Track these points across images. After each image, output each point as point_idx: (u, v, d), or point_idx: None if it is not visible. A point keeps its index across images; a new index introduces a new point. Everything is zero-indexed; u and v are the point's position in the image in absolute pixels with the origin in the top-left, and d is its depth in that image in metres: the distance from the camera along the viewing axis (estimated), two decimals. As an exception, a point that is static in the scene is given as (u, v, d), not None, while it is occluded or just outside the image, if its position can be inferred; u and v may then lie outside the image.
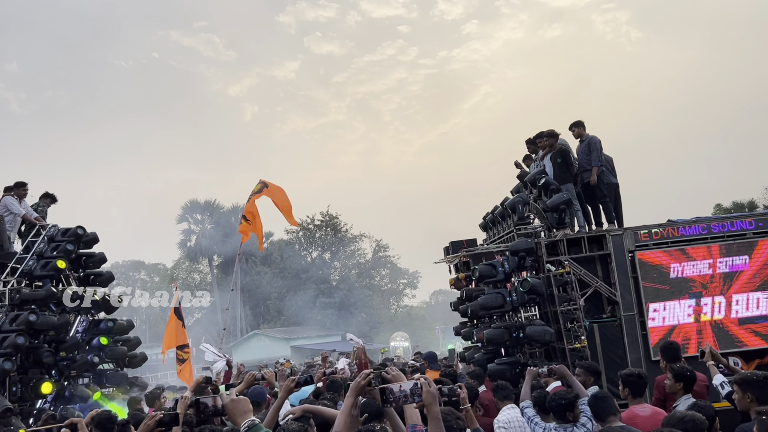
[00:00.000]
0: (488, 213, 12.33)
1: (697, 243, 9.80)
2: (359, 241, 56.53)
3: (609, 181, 10.64)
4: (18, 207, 10.54)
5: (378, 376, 3.18)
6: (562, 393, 5.14)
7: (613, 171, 10.92)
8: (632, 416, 4.83)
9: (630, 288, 9.67)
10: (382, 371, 3.22)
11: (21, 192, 10.78)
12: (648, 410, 4.92)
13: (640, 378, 5.20)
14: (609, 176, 10.67)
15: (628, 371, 5.42)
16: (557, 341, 9.40)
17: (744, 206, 36.63)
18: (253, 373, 6.57)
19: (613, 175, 10.87)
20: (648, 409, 4.94)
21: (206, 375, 5.77)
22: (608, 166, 10.74)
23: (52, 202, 11.73)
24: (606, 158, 10.68)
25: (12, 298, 9.39)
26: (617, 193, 10.94)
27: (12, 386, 8.81)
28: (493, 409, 6.37)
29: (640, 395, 5.14)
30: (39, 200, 11.60)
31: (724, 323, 9.60)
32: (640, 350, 9.43)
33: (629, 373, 5.34)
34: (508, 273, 9.62)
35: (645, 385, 5.27)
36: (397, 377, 3.13)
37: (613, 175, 10.84)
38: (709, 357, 5.34)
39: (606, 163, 10.65)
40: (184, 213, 53.82)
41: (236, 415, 2.98)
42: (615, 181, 10.85)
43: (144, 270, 69.38)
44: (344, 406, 3.19)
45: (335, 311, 49.48)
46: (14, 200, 10.56)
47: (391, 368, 3.28)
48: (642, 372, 5.44)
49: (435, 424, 2.98)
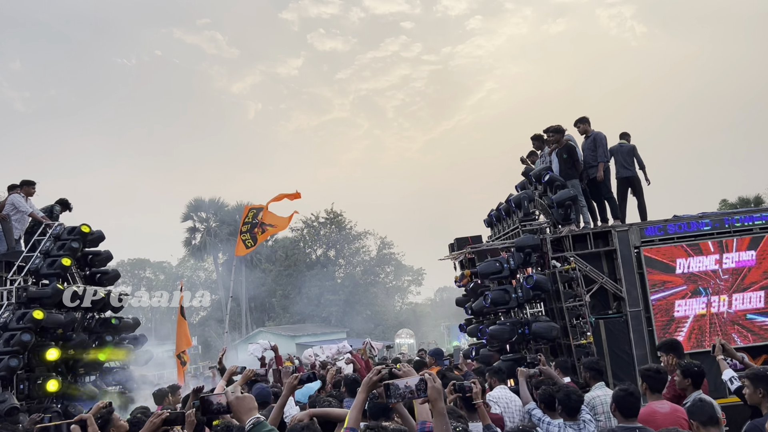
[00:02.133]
0: (493, 209, 12.31)
1: (703, 238, 9.77)
2: (364, 239, 56.56)
3: (628, 175, 10.53)
4: (25, 205, 10.51)
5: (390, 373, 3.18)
6: (577, 390, 5.15)
7: (632, 162, 10.65)
8: (651, 412, 4.77)
9: (636, 284, 9.64)
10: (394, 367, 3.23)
11: (29, 190, 10.78)
12: (667, 406, 4.88)
13: (659, 373, 5.15)
14: (627, 169, 10.53)
15: (647, 366, 5.37)
16: (563, 337, 9.38)
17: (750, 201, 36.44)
18: (252, 369, 6.60)
19: (639, 167, 10.63)
20: (667, 406, 4.91)
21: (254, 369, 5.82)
22: (628, 156, 10.59)
23: (65, 209, 11.68)
24: (627, 148, 10.58)
25: (19, 296, 9.44)
26: (637, 184, 10.67)
27: (19, 384, 8.85)
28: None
29: (659, 391, 5.08)
30: (55, 204, 11.57)
31: (731, 318, 9.57)
32: (646, 346, 9.40)
33: (648, 368, 5.29)
34: (514, 269, 9.60)
35: (665, 381, 5.22)
36: (409, 373, 3.14)
37: (631, 166, 10.59)
38: (719, 351, 5.31)
39: (625, 155, 10.52)
40: (189, 211, 53.93)
41: (241, 413, 2.98)
42: (632, 173, 10.59)
43: (149, 268, 69.59)
44: (356, 401, 3.20)
45: (340, 308, 49.53)
46: (21, 198, 10.55)
47: (404, 364, 3.29)
48: (661, 367, 5.39)
49: (440, 420, 2.98)
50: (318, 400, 4.99)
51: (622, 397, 4.46)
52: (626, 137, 10.83)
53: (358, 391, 3.15)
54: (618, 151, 10.62)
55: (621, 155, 10.60)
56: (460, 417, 4.04)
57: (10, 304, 9.32)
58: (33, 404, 9.05)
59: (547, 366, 6.61)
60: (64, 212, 11.60)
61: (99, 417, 4.63)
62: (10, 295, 9.43)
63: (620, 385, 4.71)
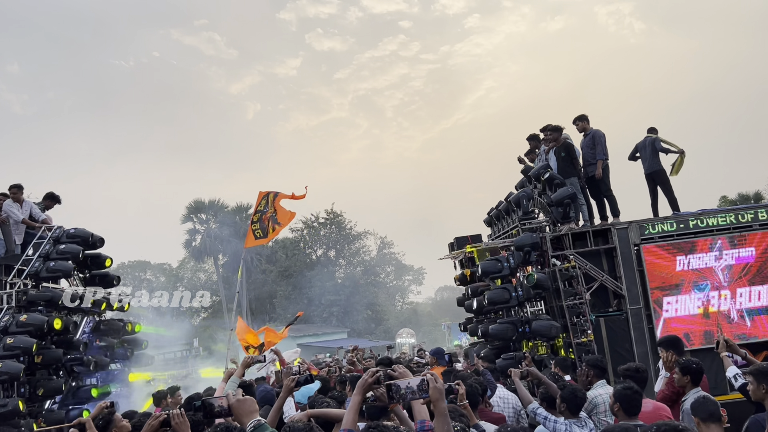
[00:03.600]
0: (493, 208, 12.31)
1: (703, 235, 9.77)
2: (364, 239, 56.56)
3: (651, 171, 10.51)
4: (17, 213, 10.33)
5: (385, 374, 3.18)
6: (581, 389, 5.16)
7: (656, 155, 10.59)
8: None
9: (636, 281, 9.64)
10: (389, 369, 3.22)
11: (17, 196, 10.46)
12: (650, 405, 4.88)
13: (638, 372, 5.18)
14: (650, 163, 10.50)
15: (626, 366, 5.41)
16: (563, 336, 9.38)
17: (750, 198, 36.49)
18: (252, 356, 6.61)
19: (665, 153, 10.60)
20: (650, 404, 4.91)
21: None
22: (651, 150, 10.59)
23: (55, 203, 11.58)
24: (650, 140, 10.56)
25: (19, 300, 9.43)
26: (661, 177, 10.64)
27: (20, 387, 8.85)
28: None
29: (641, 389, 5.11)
30: (42, 201, 11.48)
31: (731, 315, 9.58)
32: (647, 344, 9.40)
33: (628, 367, 5.34)
34: (514, 268, 9.60)
35: (645, 379, 5.24)
36: (404, 375, 3.13)
37: (655, 159, 10.56)
38: (723, 348, 5.32)
39: (648, 149, 10.52)
40: (188, 213, 53.86)
41: (242, 415, 2.99)
42: (656, 168, 10.57)
43: (150, 270, 69.54)
44: (352, 403, 3.20)
45: (341, 309, 49.54)
46: (12, 206, 10.34)
47: (398, 366, 3.29)
48: (641, 366, 5.42)
49: (442, 420, 2.98)
50: (317, 401, 4.99)
51: (629, 395, 4.43)
52: (653, 132, 10.73)
53: (353, 393, 3.15)
54: (643, 147, 10.60)
55: (644, 150, 10.58)
56: (461, 416, 4.03)
57: (10, 308, 9.32)
58: (35, 407, 9.06)
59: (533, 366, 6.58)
60: (54, 205, 11.51)
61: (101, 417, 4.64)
62: (10, 298, 9.42)
63: (623, 383, 4.70)
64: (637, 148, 10.68)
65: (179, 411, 3.51)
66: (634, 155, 10.83)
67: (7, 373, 8.31)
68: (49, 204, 11.42)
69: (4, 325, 8.91)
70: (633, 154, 10.85)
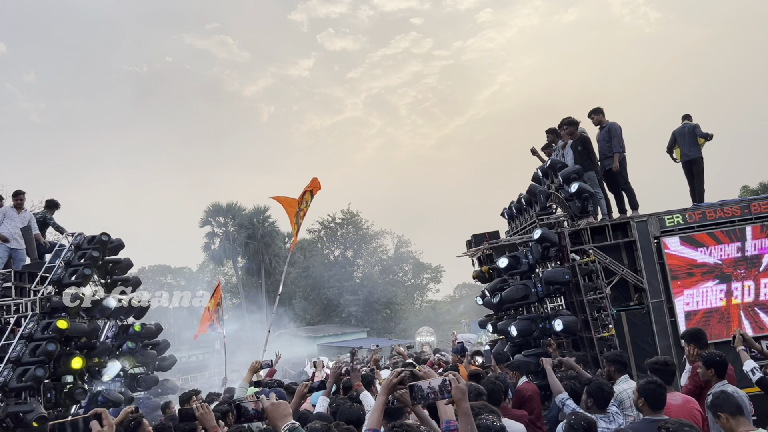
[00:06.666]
0: (510, 204, 12.25)
1: (724, 226, 9.64)
2: (381, 238, 56.69)
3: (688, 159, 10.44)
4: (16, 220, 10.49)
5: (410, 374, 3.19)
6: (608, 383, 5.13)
7: (694, 142, 10.52)
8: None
9: (657, 274, 9.54)
10: (414, 369, 3.23)
11: (18, 202, 10.59)
12: (679, 398, 4.84)
13: (666, 365, 5.13)
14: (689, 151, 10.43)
15: (654, 359, 5.35)
16: (584, 331, 9.31)
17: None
18: (258, 361, 6.66)
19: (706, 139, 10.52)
20: (679, 398, 4.86)
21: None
22: (690, 138, 10.48)
23: (56, 208, 11.73)
24: (689, 128, 10.48)
25: (42, 306, 9.58)
26: (697, 166, 10.55)
27: (46, 393, 8.98)
28: (537, 401, 6.44)
29: (669, 383, 5.06)
30: (44, 210, 11.63)
31: (754, 307, 9.44)
32: (669, 337, 9.30)
33: (655, 360, 5.27)
34: (532, 264, 9.55)
35: (673, 372, 5.19)
36: (429, 375, 3.13)
37: (693, 147, 10.49)
38: (740, 342, 5.25)
39: (686, 137, 10.42)
40: (207, 216, 54.36)
41: (276, 419, 3.01)
42: (694, 155, 10.48)
43: (170, 274, 70.30)
44: (376, 403, 3.21)
45: (360, 308, 49.66)
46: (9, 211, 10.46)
47: (423, 366, 3.29)
48: (669, 359, 5.36)
49: (465, 420, 2.97)
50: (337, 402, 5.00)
51: (653, 389, 4.37)
52: (688, 118, 10.70)
53: (378, 393, 3.16)
54: (680, 134, 10.55)
55: (682, 137, 10.53)
56: (492, 412, 3.96)
57: (35, 315, 9.46)
58: (60, 412, 9.19)
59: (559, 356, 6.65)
60: (54, 211, 11.67)
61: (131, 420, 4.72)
62: (34, 305, 9.57)
63: (648, 378, 4.64)
64: (675, 136, 10.58)
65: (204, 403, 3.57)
66: (672, 146, 10.82)
67: (31, 379, 8.44)
68: (51, 212, 11.57)
69: (30, 331, 9.05)
70: (671, 145, 10.82)
